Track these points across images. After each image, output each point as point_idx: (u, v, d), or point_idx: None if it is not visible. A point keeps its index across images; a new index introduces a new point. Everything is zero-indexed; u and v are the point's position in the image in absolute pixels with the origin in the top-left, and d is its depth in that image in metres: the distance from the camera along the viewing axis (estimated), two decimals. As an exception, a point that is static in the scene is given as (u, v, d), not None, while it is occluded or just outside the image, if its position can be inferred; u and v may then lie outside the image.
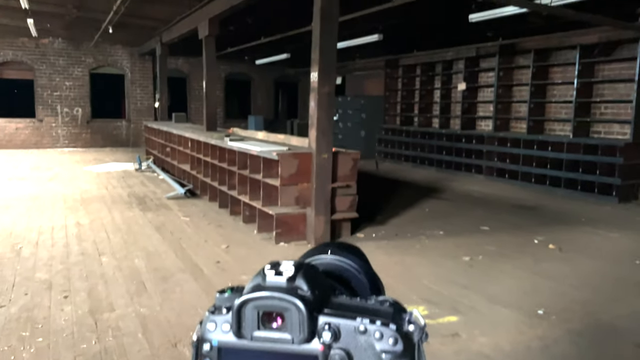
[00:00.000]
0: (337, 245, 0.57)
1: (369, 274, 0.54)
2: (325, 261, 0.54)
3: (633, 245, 5.49)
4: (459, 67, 11.42)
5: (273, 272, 0.44)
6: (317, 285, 0.44)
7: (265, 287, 0.44)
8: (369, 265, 0.56)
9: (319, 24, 4.97)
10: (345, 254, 0.55)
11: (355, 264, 0.54)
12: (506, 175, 9.71)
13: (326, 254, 0.54)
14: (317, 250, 0.55)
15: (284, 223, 5.21)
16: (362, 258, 0.56)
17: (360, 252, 0.57)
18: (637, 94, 7.73)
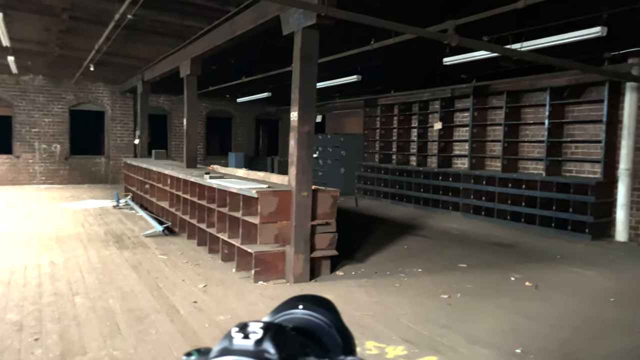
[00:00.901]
0: (308, 298, 0.57)
1: (340, 328, 0.55)
2: (296, 317, 0.54)
3: (607, 283, 5.58)
4: (435, 107, 11.72)
5: (241, 334, 0.44)
6: (285, 347, 0.43)
7: (231, 350, 0.43)
8: (340, 319, 0.57)
9: (298, 65, 5.09)
10: (316, 308, 0.55)
11: (327, 318, 0.54)
12: (482, 212, 9.86)
13: (297, 308, 0.55)
14: (288, 304, 0.56)
15: (263, 261, 5.18)
16: (333, 311, 0.56)
17: (331, 305, 0.58)
18: (605, 134, 8.03)
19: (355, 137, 14.21)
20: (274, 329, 0.45)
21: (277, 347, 0.43)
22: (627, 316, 4.43)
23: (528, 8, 4.67)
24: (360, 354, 3.48)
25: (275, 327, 0.46)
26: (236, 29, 6.48)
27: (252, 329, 0.45)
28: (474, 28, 5.80)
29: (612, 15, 5.33)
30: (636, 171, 7.80)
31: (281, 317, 0.54)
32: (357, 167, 13.75)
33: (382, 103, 13.61)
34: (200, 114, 16.17)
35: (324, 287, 5.13)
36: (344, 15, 4.58)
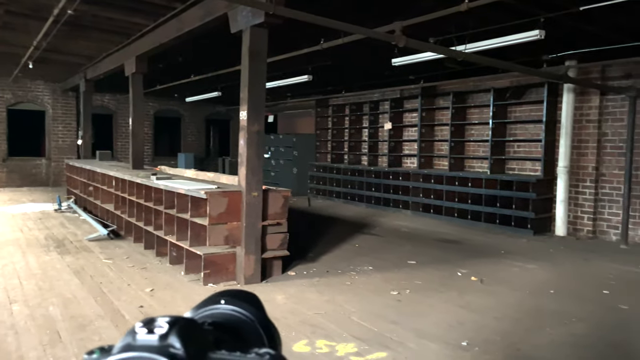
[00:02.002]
0: (232, 293, 0.56)
1: (264, 323, 0.54)
2: (218, 312, 0.53)
3: (548, 276, 5.84)
4: (385, 108, 11.91)
5: (145, 330, 0.42)
6: (193, 341, 0.42)
7: (134, 346, 0.41)
8: (264, 313, 0.56)
9: (247, 64, 5.04)
10: (239, 302, 0.54)
11: (250, 313, 0.54)
12: (431, 210, 10.10)
13: (219, 303, 0.54)
14: (211, 300, 0.55)
15: (212, 263, 5.09)
16: (257, 306, 0.56)
17: (256, 300, 0.57)
18: (545, 133, 8.41)
19: (307, 137, 14.23)
20: (181, 323, 0.43)
21: (183, 341, 0.41)
22: (565, 307, 4.64)
23: (471, 11, 4.81)
24: (311, 352, 3.49)
25: (184, 321, 0.44)
26: (183, 27, 6.35)
27: (158, 323, 0.43)
28: (420, 30, 5.93)
29: (549, 19, 5.57)
30: (573, 168, 8.20)
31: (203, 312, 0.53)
32: (309, 167, 13.77)
33: (333, 103, 13.71)
34: (147, 114, 15.72)
35: (275, 288, 5.10)
36: (293, 14, 4.57)
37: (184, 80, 11.33)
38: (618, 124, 7.78)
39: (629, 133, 7.51)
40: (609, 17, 5.85)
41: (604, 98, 7.93)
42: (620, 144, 7.73)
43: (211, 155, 18.45)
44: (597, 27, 6.25)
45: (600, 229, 8.05)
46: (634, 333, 4.05)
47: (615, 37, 6.74)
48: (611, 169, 7.89)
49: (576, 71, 7.99)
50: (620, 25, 6.25)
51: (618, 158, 7.78)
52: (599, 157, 8.00)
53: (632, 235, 7.60)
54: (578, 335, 3.97)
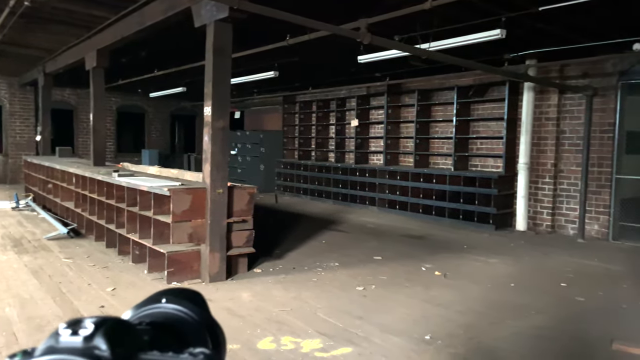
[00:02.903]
0: (174, 292, 0.55)
1: (207, 321, 0.53)
2: (157, 311, 0.51)
3: (509, 270, 5.99)
4: (352, 105, 11.97)
5: (69, 331, 0.40)
6: (121, 342, 0.40)
7: (57, 349, 0.39)
8: (207, 312, 0.55)
9: (211, 59, 4.97)
10: (181, 301, 0.53)
11: (192, 311, 0.52)
12: (397, 206, 10.22)
13: (160, 302, 0.52)
14: (151, 299, 0.53)
15: (176, 261, 5.01)
16: (200, 305, 0.55)
17: (199, 298, 0.56)
18: (506, 131, 8.62)
19: (274, 133, 14.16)
20: (108, 323, 0.42)
21: (110, 342, 0.40)
22: (525, 300, 4.78)
23: (434, 9, 4.88)
24: (276, 349, 3.48)
25: (111, 321, 0.42)
26: (145, 20, 6.20)
27: (83, 324, 0.41)
28: (386, 27, 5.97)
29: (510, 18, 5.70)
30: (533, 165, 8.43)
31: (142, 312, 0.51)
32: (276, 164, 13.71)
33: (300, 100, 13.69)
34: (109, 109, 15.33)
35: (241, 285, 5.06)
36: (257, 9, 4.52)
37: (147, 75, 11.08)
38: (575, 122, 8.04)
39: (585, 131, 7.78)
40: (567, 17, 6.03)
41: (562, 96, 8.18)
42: (578, 141, 8.00)
43: (176, 151, 18.15)
44: (556, 27, 6.43)
45: (558, 223, 8.31)
46: (590, 324, 4.20)
47: (573, 37, 6.96)
48: (569, 166, 8.15)
49: (536, 70, 8.21)
50: (577, 25, 6.45)
51: (575, 155, 8.05)
52: (557, 154, 8.25)
53: (588, 230, 7.88)
54: (537, 327, 4.09)
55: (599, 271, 5.96)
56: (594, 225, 7.88)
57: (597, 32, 6.74)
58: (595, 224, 7.86)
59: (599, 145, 7.76)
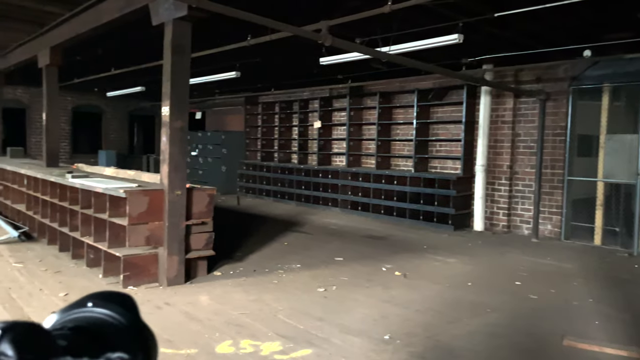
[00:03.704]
0: (102, 295, 0.53)
1: (134, 325, 0.51)
2: (82, 315, 0.50)
3: (466, 269, 6.13)
4: (314, 106, 11.99)
5: None
6: (30, 348, 0.39)
7: None
8: (136, 315, 0.53)
9: (170, 58, 4.88)
10: (108, 305, 0.51)
11: (120, 315, 0.51)
12: (359, 207, 10.29)
13: (85, 307, 0.50)
14: (77, 303, 0.51)
15: (133, 265, 4.88)
16: (129, 308, 0.53)
17: (128, 301, 0.54)
18: (464, 133, 8.82)
19: (236, 134, 14.02)
20: (17, 329, 0.40)
21: (17, 348, 0.38)
22: (481, 298, 4.89)
23: (394, 13, 4.94)
24: (235, 353, 3.43)
25: (21, 326, 0.40)
26: (101, 17, 6.03)
27: None
28: (347, 30, 6.01)
29: (467, 23, 5.83)
30: (490, 167, 8.66)
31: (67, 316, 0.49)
32: (239, 165, 13.58)
33: (263, 101, 13.62)
34: (64, 109, 14.83)
35: (200, 289, 4.98)
36: (217, 8, 4.47)
37: (104, 74, 10.78)
38: (530, 125, 8.30)
39: (539, 134, 8.04)
40: (521, 23, 6.22)
41: (517, 100, 8.43)
42: (532, 143, 8.26)
43: (135, 152, 17.71)
44: (511, 33, 6.63)
45: (514, 223, 8.56)
46: (543, 320, 4.33)
47: (527, 43, 7.18)
48: (523, 167, 8.41)
49: (492, 74, 8.44)
50: (531, 31, 6.67)
51: (530, 157, 8.31)
52: (513, 156, 8.50)
53: (542, 230, 8.15)
54: (492, 324, 4.20)
55: (551, 269, 6.17)
56: (547, 225, 8.15)
57: (550, 38, 6.99)
58: (548, 224, 8.14)
59: (552, 148, 8.04)
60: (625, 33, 6.51)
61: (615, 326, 4.17)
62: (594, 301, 4.86)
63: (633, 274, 6.04)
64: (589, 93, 7.73)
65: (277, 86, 12.65)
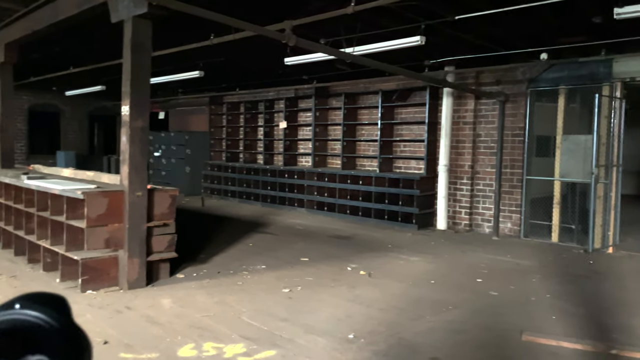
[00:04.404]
0: (31, 297, 0.51)
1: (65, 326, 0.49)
2: (7, 318, 0.48)
3: (429, 267, 6.22)
4: (280, 107, 11.95)
5: None
6: None
7: None
8: (68, 317, 0.51)
9: (129, 56, 4.78)
10: (36, 306, 0.49)
11: (49, 316, 0.49)
12: (325, 208, 10.32)
13: (12, 308, 0.48)
14: (5, 305, 0.49)
15: (92, 268, 4.75)
16: (60, 310, 0.51)
17: (60, 303, 0.52)
18: (427, 134, 8.96)
19: (201, 134, 13.83)
20: None
21: None
22: (443, 296, 4.98)
23: (357, 14, 4.98)
24: (197, 356, 3.39)
25: None
26: (59, 14, 5.85)
27: None
28: (311, 30, 6.02)
29: (429, 26, 5.94)
30: (452, 167, 8.83)
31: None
32: (203, 166, 13.40)
33: (228, 101, 13.49)
34: (20, 108, 14.31)
35: (162, 292, 4.89)
36: (177, 5, 4.40)
37: (62, 73, 10.46)
38: (490, 126, 8.50)
39: (499, 134, 8.25)
40: (481, 27, 6.37)
41: (478, 102, 8.63)
42: (492, 144, 8.46)
43: (96, 153, 17.24)
44: (471, 35, 6.78)
45: (475, 222, 8.75)
46: (502, 316, 4.44)
47: (487, 46, 7.37)
48: (484, 167, 8.61)
49: (454, 76, 8.61)
50: (491, 35, 6.85)
51: (490, 157, 8.51)
52: (474, 156, 8.69)
53: (502, 228, 8.36)
54: (454, 321, 4.28)
55: (511, 266, 6.34)
56: (507, 224, 8.37)
57: (508, 41, 7.19)
58: (508, 222, 8.36)
59: (511, 148, 8.26)
60: (579, 37, 6.77)
61: (571, 321, 4.32)
62: (551, 297, 5.02)
63: (588, 270, 6.26)
64: (546, 95, 7.98)
65: (242, 86, 12.56)
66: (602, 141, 7.23)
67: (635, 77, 7.11)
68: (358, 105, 10.46)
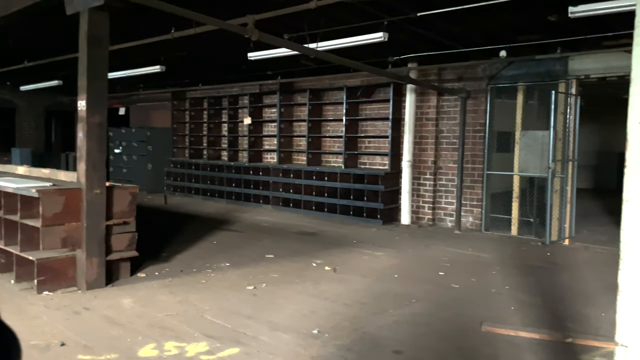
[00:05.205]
0: None
1: None
2: None
3: (393, 262, 6.29)
4: (244, 102, 11.84)
5: None
6: None
7: None
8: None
9: (85, 50, 4.64)
10: None
11: None
12: (291, 204, 10.30)
13: None
14: None
15: (48, 269, 4.59)
16: None
17: None
18: (391, 130, 9.05)
19: (163, 131, 13.56)
20: None
21: None
22: (407, 289, 5.04)
23: (320, 9, 4.97)
24: (159, 356, 3.32)
25: None
26: (11, 5, 5.60)
27: None
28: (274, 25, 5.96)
29: (392, 22, 5.98)
30: (416, 162, 8.95)
31: None
32: (166, 163, 13.15)
33: (191, 96, 13.27)
34: (-29, 103, 13.72)
35: (122, 292, 4.77)
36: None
37: (16, 67, 10.06)
38: (452, 122, 8.66)
39: (460, 130, 8.41)
40: (442, 24, 6.46)
41: (440, 98, 8.77)
42: (454, 140, 8.62)
43: (53, 150, 16.69)
44: (433, 32, 6.87)
45: (438, 216, 8.90)
46: (463, 308, 4.54)
47: (448, 43, 7.48)
48: (447, 163, 8.77)
49: (417, 73, 8.72)
50: (452, 32, 6.95)
51: (452, 153, 8.67)
52: (437, 152, 8.83)
53: (464, 222, 8.54)
54: (416, 314, 4.34)
55: (472, 259, 6.48)
56: (468, 218, 8.55)
57: (469, 39, 7.32)
58: (470, 216, 8.54)
59: (472, 144, 8.44)
60: (536, 35, 6.95)
61: (528, 311, 4.45)
62: (510, 288, 5.16)
63: (545, 262, 6.47)
64: (505, 92, 8.17)
65: (205, 81, 12.38)
66: (558, 137, 7.47)
67: (589, 74, 7.36)
68: (323, 102, 10.47)
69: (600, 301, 4.65)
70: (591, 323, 4.15)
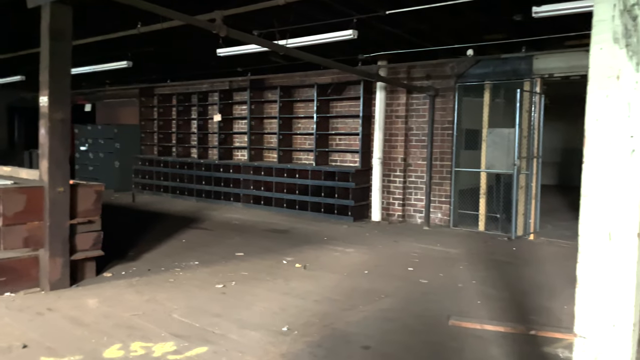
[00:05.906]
0: None
1: None
2: None
3: (363, 258, 6.34)
4: (214, 99, 11.70)
5: None
6: None
7: None
8: None
9: (47, 44, 4.50)
10: None
11: None
12: (262, 202, 10.25)
13: None
14: None
15: (9, 269, 4.45)
16: None
17: None
18: (362, 127, 9.10)
19: (131, 128, 13.29)
20: None
21: None
22: (376, 285, 5.09)
23: (289, 6, 4.95)
24: (125, 356, 3.26)
25: None
26: (-32, -3, 5.41)
27: None
28: (243, 21, 5.92)
29: (361, 20, 6.01)
30: (386, 159, 9.03)
31: None
32: (134, 161, 12.90)
33: (159, 93, 13.04)
34: None
35: (87, 292, 4.67)
36: (100, -9, 4.19)
37: (-26, 61, 9.69)
38: (421, 120, 8.76)
39: (429, 128, 8.52)
40: (411, 22, 6.54)
41: (409, 96, 8.86)
42: (423, 137, 8.73)
43: (16, 148, 16.17)
44: (402, 30, 6.94)
45: (408, 213, 9.01)
46: (431, 303, 4.61)
47: (417, 41, 7.56)
48: (416, 160, 8.87)
49: (387, 71, 8.79)
50: (420, 30, 7.03)
51: (421, 150, 8.78)
52: (406, 149, 8.93)
53: (433, 218, 8.66)
54: (386, 309, 4.38)
55: (440, 255, 6.58)
56: (437, 214, 8.68)
57: (437, 37, 7.42)
58: (438, 213, 8.67)
59: (441, 141, 8.56)
60: (502, 34, 7.10)
61: (495, 304, 4.55)
62: (477, 282, 5.26)
63: (511, 256, 6.62)
64: (473, 90, 8.32)
65: (174, 77, 12.19)
66: (523, 134, 7.65)
67: (553, 73, 7.55)
68: (294, 99, 10.44)
69: (562, 294, 4.78)
70: (554, 315, 4.27)
